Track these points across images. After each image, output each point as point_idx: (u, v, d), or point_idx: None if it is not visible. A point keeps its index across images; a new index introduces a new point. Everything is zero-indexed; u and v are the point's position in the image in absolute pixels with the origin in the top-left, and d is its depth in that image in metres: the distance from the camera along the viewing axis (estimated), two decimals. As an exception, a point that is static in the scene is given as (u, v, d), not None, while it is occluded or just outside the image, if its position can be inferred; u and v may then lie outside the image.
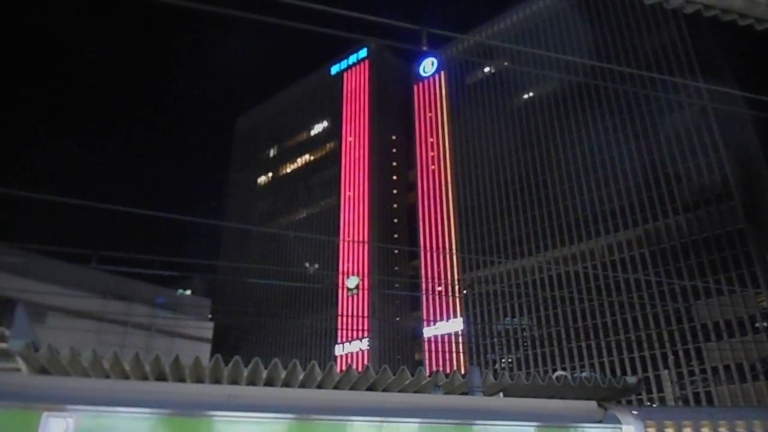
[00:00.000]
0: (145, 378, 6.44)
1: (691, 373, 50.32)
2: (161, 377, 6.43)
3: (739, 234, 51.92)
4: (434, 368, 61.05)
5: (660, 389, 49.42)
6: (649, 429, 6.17)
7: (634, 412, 6.23)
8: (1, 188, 6.74)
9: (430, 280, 73.86)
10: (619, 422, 6.13)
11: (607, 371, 53.92)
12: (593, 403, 6.51)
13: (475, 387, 6.89)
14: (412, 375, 7.32)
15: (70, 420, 4.64)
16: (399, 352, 77.32)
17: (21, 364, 6.44)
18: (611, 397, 8.08)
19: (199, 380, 6.45)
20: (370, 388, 7.05)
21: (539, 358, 60.52)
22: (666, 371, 43.06)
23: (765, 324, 49.04)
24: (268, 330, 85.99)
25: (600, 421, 6.21)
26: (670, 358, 50.14)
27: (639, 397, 50.92)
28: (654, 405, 50.72)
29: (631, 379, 7.50)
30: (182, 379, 6.44)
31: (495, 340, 66.22)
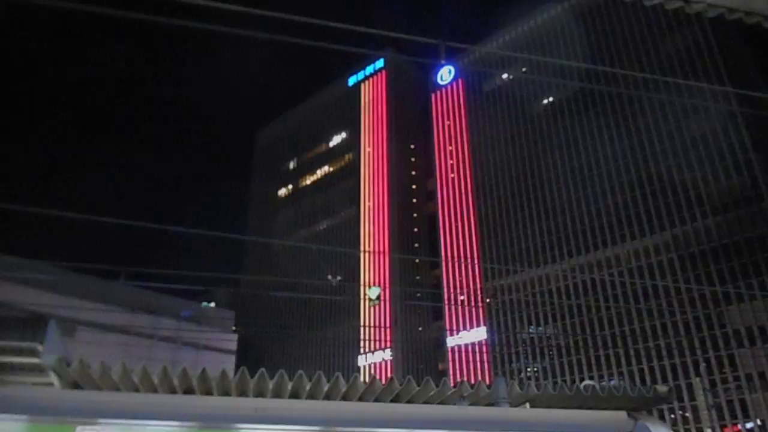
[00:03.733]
0: (173, 391, 6.53)
1: (725, 381, 48.76)
2: (189, 390, 6.52)
3: (771, 236, 50.40)
4: (459, 378, 60.42)
5: (692, 398, 47.97)
6: None
7: None
8: (32, 207, 6.98)
9: (452, 290, 73.34)
10: None
11: (637, 380, 52.59)
12: (623, 413, 6.38)
13: (501, 398, 6.81)
14: (437, 385, 7.26)
15: (103, 434, 4.73)
16: (422, 361, 76.76)
17: (53, 378, 6.60)
18: (641, 407, 7.89)
19: (226, 393, 6.52)
20: (395, 400, 7.03)
21: (566, 367, 59.40)
22: (698, 379, 41.75)
23: (802, 329, 47.33)
24: (291, 341, 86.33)
25: None
26: (702, 365, 48.57)
27: (670, 406, 49.52)
28: (686, 414, 49.30)
29: (662, 388, 7.33)
30: (209, 392, 6.52)
31: (520, 349, 65.27)
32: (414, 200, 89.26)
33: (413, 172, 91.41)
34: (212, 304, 66.65)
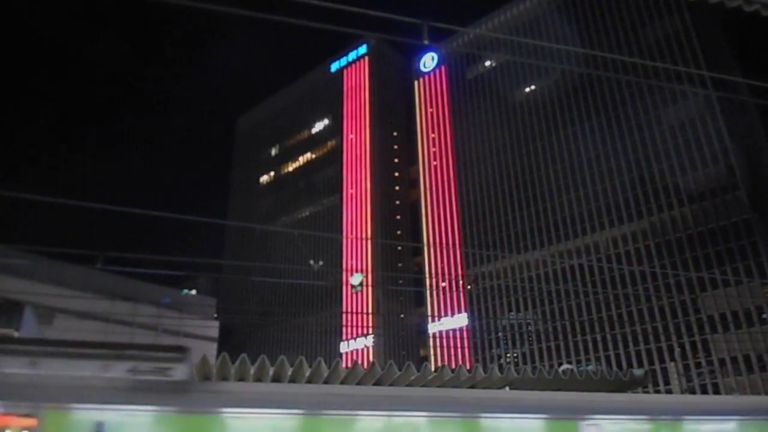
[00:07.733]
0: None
1: (698, 365, 50.18)
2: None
3: (745, 224, 51.67)
4: (439, 364, 60.99)
5: (667, 382, 49.34)
6: None
7: None
8: (8, 192, 6.78)
9: (434, 276, 73.83)
10: None
11: (613, 364, 53.83)
12: None
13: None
14: (418, 371, 7.31)
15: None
16: (404, 348, 77.37)
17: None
18: (618, 390, 8.05)
19: (207, 378, 6.48)
20: (377, 384, 7.05)
21: (545, 353, 60.48)
22: (672, 363, 42.93)
23: (772, 314, 48.83)
24: (273, 328, 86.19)
25: None
26: (677, 350, 49.98)
27: (645, 390, 50.84)
28: (661, 397, 50.64)
29: (638, 372, 7.49)
30: (190, 378, 6.46)
31: (500, 335, 66.20)
32: (396, 187, 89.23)
33: (396, 160, 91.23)
34: (193, 291, 66.08)
